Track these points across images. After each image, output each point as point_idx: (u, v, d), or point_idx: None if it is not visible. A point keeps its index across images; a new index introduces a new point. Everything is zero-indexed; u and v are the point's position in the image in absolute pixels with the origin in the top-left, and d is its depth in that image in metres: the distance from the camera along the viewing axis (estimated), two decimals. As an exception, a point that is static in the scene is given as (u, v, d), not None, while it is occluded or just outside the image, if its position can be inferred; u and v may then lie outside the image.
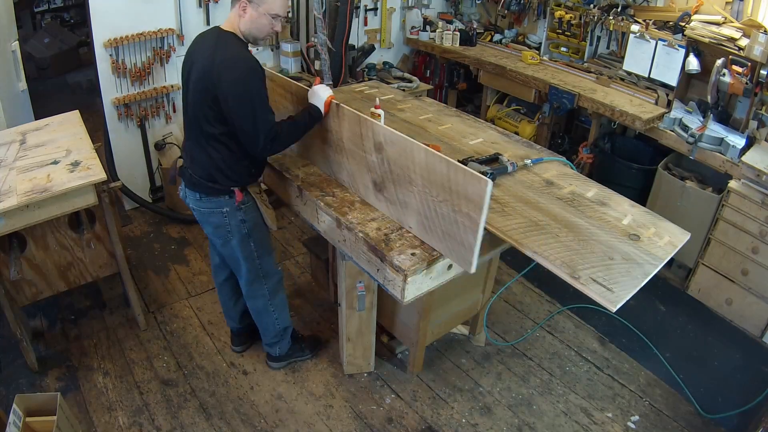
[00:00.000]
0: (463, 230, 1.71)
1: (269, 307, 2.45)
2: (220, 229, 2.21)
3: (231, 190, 2.12)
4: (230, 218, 2.17)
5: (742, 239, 2.92)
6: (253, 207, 2.23)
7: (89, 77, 5.92)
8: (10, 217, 2.17)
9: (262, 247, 2.31)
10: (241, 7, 1.94)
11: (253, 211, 2.23)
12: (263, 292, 2.41)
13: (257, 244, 2.28)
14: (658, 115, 3.25)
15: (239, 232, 2.21)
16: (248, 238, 2.24)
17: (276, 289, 2.45)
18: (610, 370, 2.78)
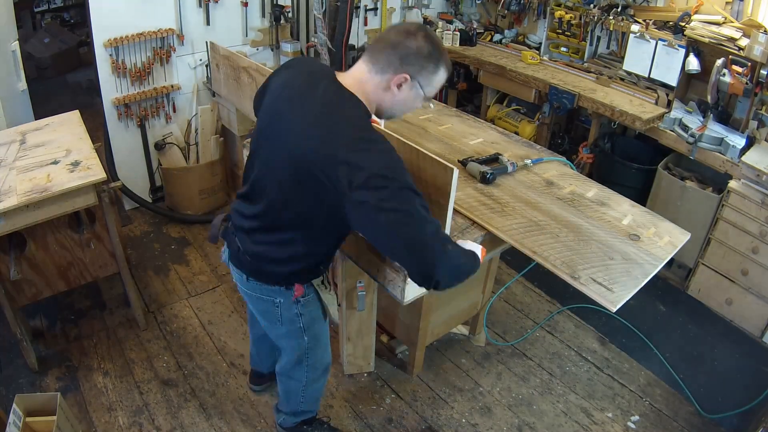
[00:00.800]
0: None
1: (300, 392, 2.11)
2: (267, 315, 1.84)
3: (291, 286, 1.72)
4: (282, 310, 1.78)
5: (742, 239, 2.92)
6: (313, 300, 1.83)
7: (89, 77, 5.92)
8: (10, 217, 2.16)
9: (315, 340, 1.93)
10: (397, 81, 1.45)
11: (312, 305, 1.83)
12: (300, 378, 2.04)
13: (312, 338, 1.91)
14: (658, 115, 3.25)
15: (292, 324, 1.83)
16: (302, 332, 1.86)
17: (316, 379, 2.07)
18: (610, 370, 2.78)
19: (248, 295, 1.81)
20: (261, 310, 1.85)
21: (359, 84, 1.47)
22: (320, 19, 3.38)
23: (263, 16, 3.86)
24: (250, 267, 1.70)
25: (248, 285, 1.75)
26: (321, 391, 2.19)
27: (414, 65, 1.44)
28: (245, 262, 1.70)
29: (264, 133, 1.57)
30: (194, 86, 3.75)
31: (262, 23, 3.88)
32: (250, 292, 1.78)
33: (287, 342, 1.94)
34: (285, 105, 1.51)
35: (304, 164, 1.40)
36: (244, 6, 3.72)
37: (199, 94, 3.78)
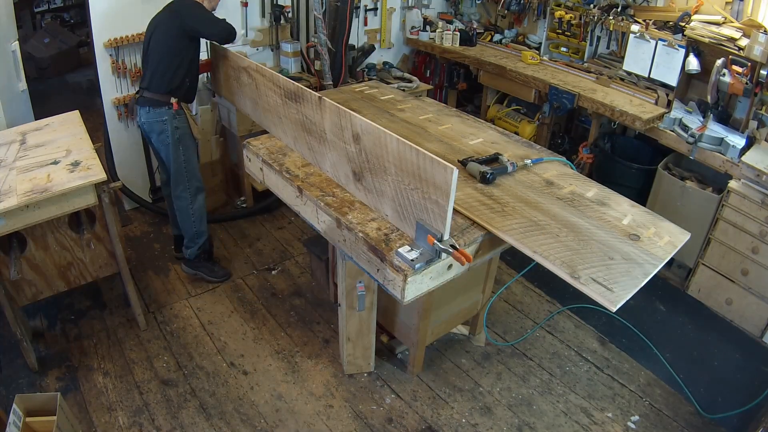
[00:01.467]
0: (433, 217, 1.75)
1: (189, 209, 3.03)
2: (160, 135, 2.88)
3: (170, 102, 2.82)
4: (168, 125, 2.85)
5: (742, 239, 2.92)
6: (184, 119, 2.93)
7: (89, 77, 5.93)
8: (10, 217, 2.17)
9: (188, 152, 2.96)
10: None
11: (184, 122, 2.93)
12: (185, 195, 3.00)
13: (186, 148, 2.94)
14: (658, 115, 3.25)
15: (172, 137, 2.87)
16: (178, 144, 2.90)
17: (195, 195, 3.03)
18: (610, 370, 2.78)
19: (148, 125, 2.90)
20: (156, 132, 2.90)
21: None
22: (320, 19, 3.38)
23: (263, 16, 3.86)
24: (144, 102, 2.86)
25: (147, 116, 2.87)
26: (204, 209, 3.12)
27: None
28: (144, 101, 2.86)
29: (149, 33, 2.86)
30: (194, 86, 3.74)
31: (262, 23, 3.88)
32: (148, 120, 2.88)
33: (171, 156, 2.92)
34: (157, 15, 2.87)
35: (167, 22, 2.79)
36: (244, 6, 3.72)
37: (199, 94, 3.77)
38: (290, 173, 2.33)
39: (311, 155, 2.36)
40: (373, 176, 1.98)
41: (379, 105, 2.97)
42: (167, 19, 2.80)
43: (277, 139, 2.62)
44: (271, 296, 3.18)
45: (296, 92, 2.28)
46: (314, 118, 2.21)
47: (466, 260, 1.74)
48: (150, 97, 2.84)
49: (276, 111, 2.50)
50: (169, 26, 2.79)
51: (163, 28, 2.81)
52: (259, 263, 3.45)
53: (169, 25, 2.79)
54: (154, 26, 2.85)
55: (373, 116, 2.76)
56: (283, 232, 3.77)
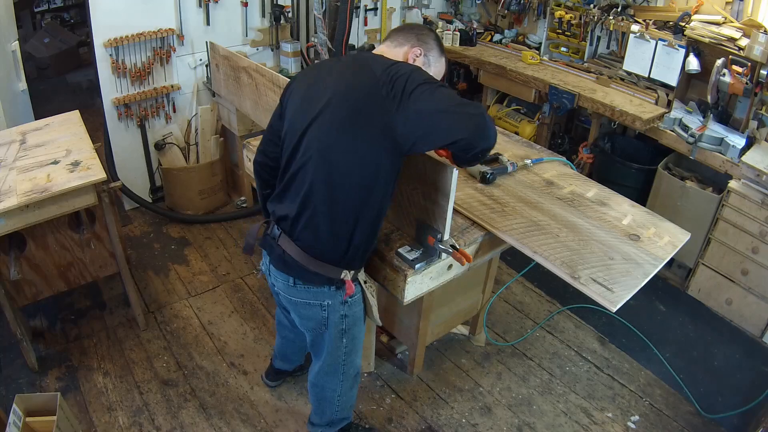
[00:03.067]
0: (433, 217, 1.75)
1: (335, 402, 2.07)
2: (311, 322, 1.81)
3: (341, 279, 1.67)
4: (330, 312, 1.75)
5: (742, 239, 2.92)
6: (359, 300, 1.81)
7: (89, 77, 5.92)
8: (10, 217, 2.16)
9: (353, 344, 1.91)
10: (413, 53, 1.68)
11: (358, 305, 1.81)
12: (335, 388, 2.02)
13: (350, 341, 1.87)
14: (658, 115, 3.25)
15: (336, 327, 1.80)
16: (342, 335, 1.83)
17: (350, 387, 2.06)
18: (610, 370, 2.78)
19: (293, 303, 1.77)
20: (306, 316, 1.80)
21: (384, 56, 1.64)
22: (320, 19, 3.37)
23: (263, 16, 3.86)
24: (297, 266, 1.65)
25: (294, 291, 1.72)
26: (354, 397, 2.14)
27: (427, 43, 1.71)
28: (289, 263, 1.66)
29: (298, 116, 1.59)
30: (194, 86, 3.75)
31: (262, 23, 3.88)
32: (295, 299, 1.74)
33: (328, 347, 1.87)
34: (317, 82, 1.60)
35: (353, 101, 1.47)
36: (244, 6, 3.72)
37: (199, 94, 3.78)
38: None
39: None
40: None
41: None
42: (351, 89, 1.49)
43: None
44: (271, 296, 3.18)
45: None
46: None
47: (466, 260, 1.74)
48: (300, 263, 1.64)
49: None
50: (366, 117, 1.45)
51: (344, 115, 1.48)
52: (259, 263, 3.45)
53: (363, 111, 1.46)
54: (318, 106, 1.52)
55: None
56: (283, 232, 3.77)
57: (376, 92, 1.44)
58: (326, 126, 1.50)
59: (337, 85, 1.52)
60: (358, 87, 1.48)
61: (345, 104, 1.49)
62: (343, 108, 1.49)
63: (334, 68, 1.60)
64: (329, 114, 1.50)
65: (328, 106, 1.50)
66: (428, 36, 1.71)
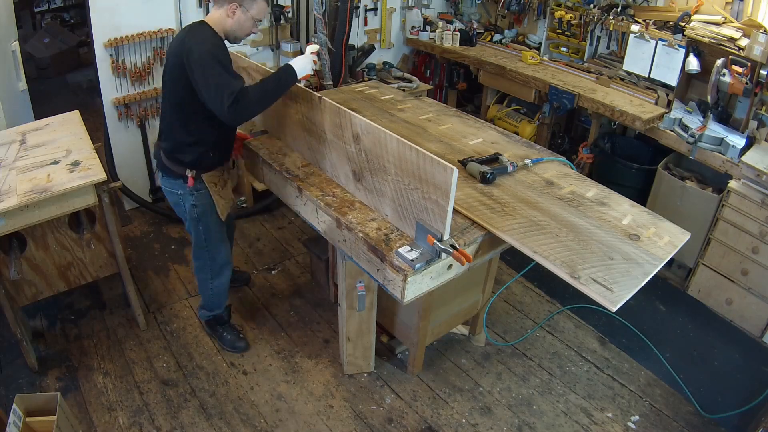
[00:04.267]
0: (433, 217, 1.75)
1: (207, 283, 2.62)
2: (177, 207, 2.45)
3: (185, 174, 2.28)
4: (184, 201, 2.37)
5: (742, 239, 2.92)
6: (205, 195, 2.37)
7: (89, 77, 5.93)
8: (10, 217, 2.17)
9: (210, 232, 2.46)
10: (231, 9, 2.13)
11: (204, 199, 2.38)
12: (206, 269, 2.57)
13: (206, 229, 2.44)
14: (658, 115, 3.25)
15: (190, 214, 2.40)
16: (198, 222, 2.42)
17: (218, 273, 2.59)
18: (610, 370, 2.78)
19: (165, 192, 2.43)
20: (173, 203, 2.44)
21: (210, 19, 2.18)
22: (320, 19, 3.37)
23: (263, 16, 3.85)
24: (163, 165, 2.33)
25: (163, 181, 2.39)
26: (224, 288, 2.66)
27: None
28: (160, 162, 2.34)
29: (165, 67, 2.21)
30: (194, 86, 3.74)
31: (262, 23, 3.88)
32: (165, 188, 2.40)
33: (192, 231, 2.46)
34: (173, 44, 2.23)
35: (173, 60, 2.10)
36: (244, 6, 3.72)
37: (199, 94, 3.77)
38: (290, 173, 2.33)
39: (311, 155, 2.36)
40: (373, 176, 1.98)
41: (379, 105, 2.97)
42: (176, 50, 2.11)
43: (277, 139, 2.62)
44: (271, 296, 3.18)
45: (296, 92, 2.28)
46: (314, 118, 2.21)
47: (466, 260, 1.74)
48: (164, 162, 2.32)
49: (276, 111, 2.50)
50: (174, 66, 2.11)
51: (170, 64, 2.15)
52: (259, 263, 3.45)
53: (174, 63, 2.11)
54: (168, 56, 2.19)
55: (373, 116, 2.76)
56: (283, 232, 3.77)
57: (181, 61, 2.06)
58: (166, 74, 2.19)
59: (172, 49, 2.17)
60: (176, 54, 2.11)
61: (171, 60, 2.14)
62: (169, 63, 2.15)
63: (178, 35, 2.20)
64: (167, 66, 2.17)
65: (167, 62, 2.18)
66: None
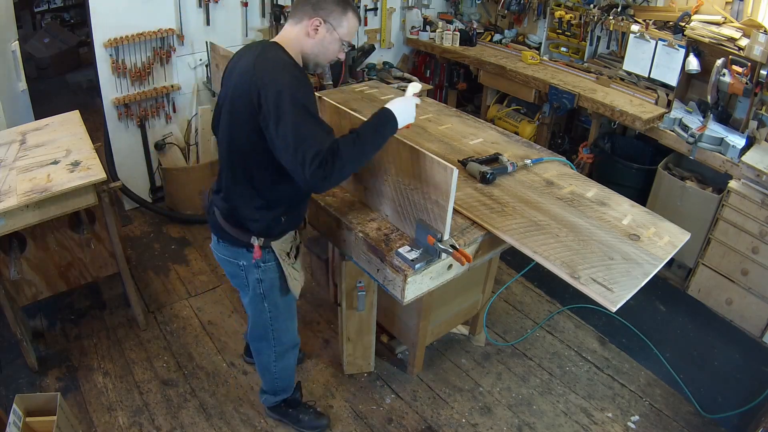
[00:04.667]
0: (433, 217, 1.75)
1: (272, 368, 2.22)
2: (235, 279, 2.01)
3: (250, 243, 1.84)
4: (246, 273, 1.93)
5: (742, 239, 2.92)
6: (273, 268, 1.93)
7: (89, 77, 5.92)
8: (10, 217, 2.16)
9: (277, 310, 2.04)
10: (312, 26, 1.68)
11: (273, 272, 1.94)
12: (269, 353, 2.17)
13: (273, 306, 2.02)
14: (658, 115, 3.25)
15: (254, 290, 1.97)
16: (262, 299, 1.99)
17: (283, 355, 2.19)
18: (610, 370, 2.78)
19: (220, 259, 1.99)
20: (230, 274, 2.02)
21: (284, 38, 1.73)
22: (320, 19, 3.36)
23: (263, 16, 3.86)
24: (219, 228, 1.89)
25: (218, 247, 1.95)
26: (292, 368, 2.31)
27: (324, 9, 1.69)
28: (215, 224, 1.90)
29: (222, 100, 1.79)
30: (194, 86, 3.75)
31: (262, 23, 3.88)
32: (220, 255, 1.97)
33: (252, 309, 2.06)
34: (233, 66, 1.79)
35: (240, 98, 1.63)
36: (244, 6, 3.72)
37: (199, 94, 3.78)
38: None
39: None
40: (372, 176, 1.98)
41: (379, 105, 2.96)
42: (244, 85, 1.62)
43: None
44: (271, 296, 3.18)
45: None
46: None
47: (466, 260, 1.74)
48: (221, 225, 1.87)
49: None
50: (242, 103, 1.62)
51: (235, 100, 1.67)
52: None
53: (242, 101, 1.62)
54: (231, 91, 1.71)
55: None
56: (283, 232, 3.77)
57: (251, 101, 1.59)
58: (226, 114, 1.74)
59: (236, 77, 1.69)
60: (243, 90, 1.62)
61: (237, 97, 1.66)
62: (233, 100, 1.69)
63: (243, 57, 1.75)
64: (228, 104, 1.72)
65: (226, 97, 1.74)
66: (325, 2, 1.68)
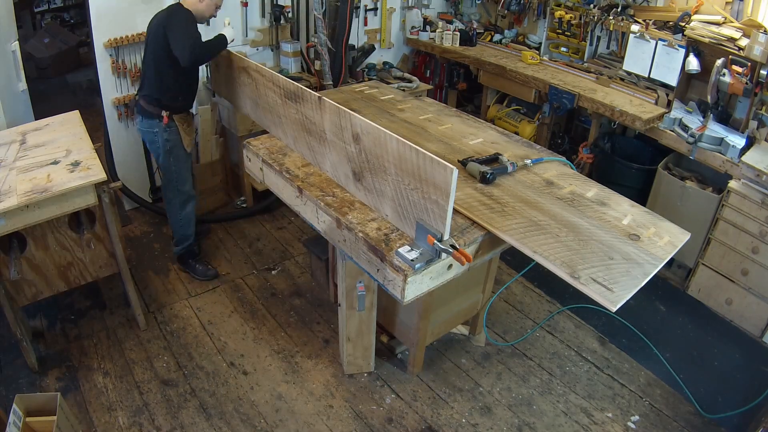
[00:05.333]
0: (433, 217, 1.75)
1: (177, 215, 3.14)
2: (152, 145, 2.99)
3: (161, 115, 2.85)
4: (159, 137, 2.91)
5: (742, 239, 2.92)
6: (175, 131, 2.94)
7: (89, 77, 5.92)
8: (10, 217, 2.17)
9: (179, 163, 3.01)
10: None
11: (175, 135, 2.94)
12: (175, 201, 3.09)
13: (176, 160, 2.99)
14: (658, 115, 3.25)
15: (163, 148, 2.94)
16: (169, 154, 2.96)
17: (185, 204, 3.12)
18: (610, 370, 2.78)
19: (142, 132, 3.00)
20: (149, 141, 3.01)
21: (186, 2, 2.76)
22: (320, 19, 3.38)
23: (263, 16, 3.86)
24: (142, 110, 2.90)
25: (141, 124, 2.95)
26: (191, 217, 3.19)
27: None
28: (139, 108, 2.92)
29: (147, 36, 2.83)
30: (194, 86, 3.74)
31: (262, 23, 3.88)
32: (141, 128, 2.98)
33: (163, 167, 3.04)
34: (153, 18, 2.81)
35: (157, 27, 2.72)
36: (244, 6, 3.72)
37: (199, 94, 3.77)
38: (290, 173, 2.33)
39: (311, 155, 2.36)
40: (373, 176, 1.98)
41: (379, 105, 2.97)
42: (159, 23, 2.72)
43: (277, 139, 2.62)
44: (271, 296, 3.18)
45: (296, 92, 2.28)
46: (314, 118, 2.21)
47: (466, 260, 1.74)
48: (143, 107, 2.88)
49: (276, 111, 2.51)
50: (157, 33, 2.70)
51: (153, 32, 2.74)
52: (259, 263, 3.45)
53: (157, 31, 2.70)
54: (151, 28, 2.78)
55: (373, 116, 2.76)
56: (283, 232, 3.77)
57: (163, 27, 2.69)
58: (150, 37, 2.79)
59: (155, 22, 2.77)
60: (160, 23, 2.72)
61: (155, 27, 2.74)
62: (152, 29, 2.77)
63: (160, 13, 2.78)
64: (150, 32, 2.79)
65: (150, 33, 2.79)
66: None
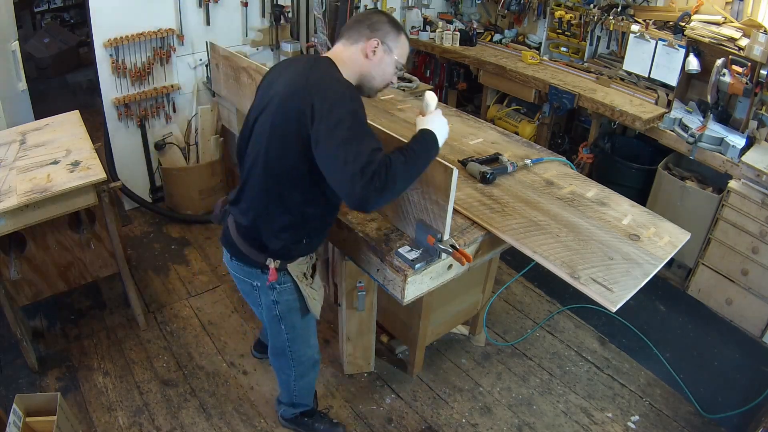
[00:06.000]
0: (433, 217, 1.75)
1: (291, 385, 2.18)
2: (249, 297, 1.95)
3: (266, 265, 1.75)
4: (261, 294, 1.85)
5: (742, 239, 2.92)
6: (290, 290, 1.85)
7: (89, 77, 5.92)
8: (10, 217, 2.16)
9: (294, 332, 1.96)
10: (370, 47, 1.64)
11: (288, 294, 1.85)
12: (288, 371, 2.12)
13: (289, 329, 1.94)
14: (658, 115, 3.25)
15: (269, 311, 1.89)
16: (279, 321, 1.91)
17: (303, 374, 2.13)
18: (610, 370, 2.78)
19: (234, 276, 1.91)
20: (243, 291, 1.96)
21: (338, 57, 1.67)
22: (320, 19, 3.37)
23: (263, 16, 3.86)
24: (232, 244, 1.80)
25: (231, 265, 1.86)
26: (312, 385, 2.27)
27: (381, 30, 1.66)
28: (228, 238, 1.82)
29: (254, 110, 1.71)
30: (194, 86, 3.75)
31: (262, 23, 3.88)
32: (233, 272, 1.89)
33: (270, 328, 1.99)
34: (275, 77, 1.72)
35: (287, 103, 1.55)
36: (244, 6, 3.72)
37: (199, 94, 3.78)
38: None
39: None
40: (373, 176, 1.98)
41: (379, 105, 2.97)
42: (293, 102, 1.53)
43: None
44: (271, 296, 3.18)
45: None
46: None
47: (466, 260, 1.74)
48: (235, 242, 1.78)
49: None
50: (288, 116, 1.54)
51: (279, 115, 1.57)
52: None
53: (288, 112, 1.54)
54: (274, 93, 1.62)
55: (373, 116, 2.76)
56: (283, 232, 3.77)
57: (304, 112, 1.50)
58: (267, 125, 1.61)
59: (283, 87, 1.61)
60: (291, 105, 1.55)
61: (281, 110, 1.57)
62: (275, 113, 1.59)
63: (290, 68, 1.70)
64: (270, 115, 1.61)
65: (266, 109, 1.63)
66: (380, 21, 1.67)
